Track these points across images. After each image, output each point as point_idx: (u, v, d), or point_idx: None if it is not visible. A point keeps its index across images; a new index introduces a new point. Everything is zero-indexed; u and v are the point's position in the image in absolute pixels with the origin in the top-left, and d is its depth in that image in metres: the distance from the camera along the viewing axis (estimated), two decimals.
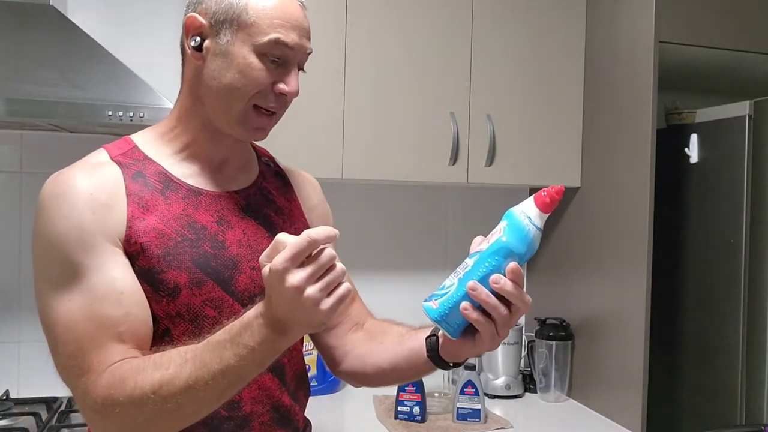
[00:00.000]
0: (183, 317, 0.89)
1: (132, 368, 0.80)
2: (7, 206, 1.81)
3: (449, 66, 1.82)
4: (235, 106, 0.91)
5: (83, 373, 0.82)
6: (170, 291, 0.88)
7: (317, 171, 1.73)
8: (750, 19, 1.78)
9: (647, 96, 1.67)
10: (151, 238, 0.88)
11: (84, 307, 0.83)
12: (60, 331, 0.83)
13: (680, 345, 1.84)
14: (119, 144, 0.97)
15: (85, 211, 0.86)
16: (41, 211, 0.87)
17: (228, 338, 0.77)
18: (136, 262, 0.88)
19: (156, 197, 0.91)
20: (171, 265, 0.88)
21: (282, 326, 0.76)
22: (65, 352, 0.83)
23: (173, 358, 0.79)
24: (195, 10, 0.93)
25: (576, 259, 1.98)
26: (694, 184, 1.81)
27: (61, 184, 0.88)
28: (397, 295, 2.15)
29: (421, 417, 1.71)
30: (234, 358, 0.76)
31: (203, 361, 0.77)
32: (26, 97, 1.46)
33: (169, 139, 0.98)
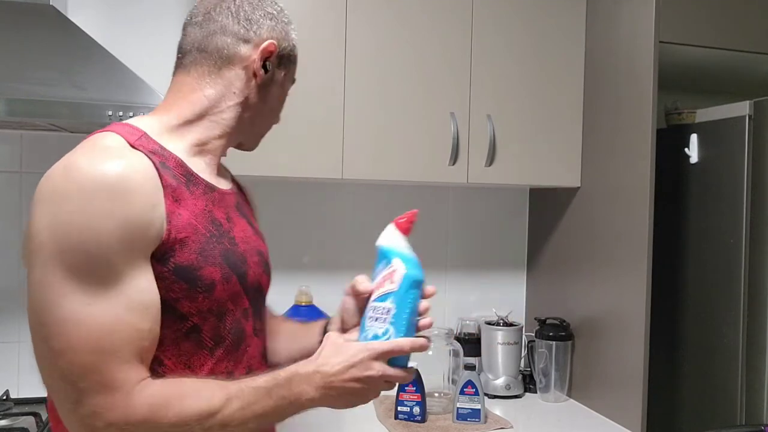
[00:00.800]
0: (213, 313, 0.90)
1: (174, 392, 0.81)
2: (7, 206, 1.81)
3: (449, 66, 1.82)
4: (264, 130, 1.06)
5: (104, 389, 0.76)
6: (207, 287, 0.88)
7: (317, 171, 1.75)
8: (750, 19, 1.78)
9: (647, 96, 1.67)
10: (189, 233, 0.87)
11: (113, 314, 0.78)
12: (75, 335, 0.76)
13: (680, 345, 1.84)
14: (127, 129, 0.89)
15: (134, 207, 0.80)
16: (71, 199, 0.78)
17: (272, 387, 0.86)
18: (173, 258, 0.84)
19: (183, 190, 0.89)
20: (207, 261, 0.88)
21: (330, 397, 0.89)
22: (77, 361, 0.76)
23: (215, 391, 0.83)
24: (258, 33, 0.98)
25: (576, 259, 1.98)
26: (694, 184, 1.81)
27: (101, 173, 0.79)
28: None
29: (421, 417, 1.71)
30: (273, 407, 0.85)
31: (247, 403, 0.83)
32: (26, 97, 1.46)
33: (180, 133, 0.95)
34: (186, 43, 0.99)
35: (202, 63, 0.97)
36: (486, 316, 2.13)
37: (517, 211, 2.27)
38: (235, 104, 0.98)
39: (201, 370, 0.89)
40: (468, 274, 2.22)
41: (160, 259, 0.83)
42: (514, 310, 2.16)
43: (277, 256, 2.21)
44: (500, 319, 2.04)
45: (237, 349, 0.94)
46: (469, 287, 2.22)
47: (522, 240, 2.27)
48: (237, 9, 0.98)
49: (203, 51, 0.97)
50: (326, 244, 2.08)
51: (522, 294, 2.28)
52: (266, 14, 0.99)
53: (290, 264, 2.04)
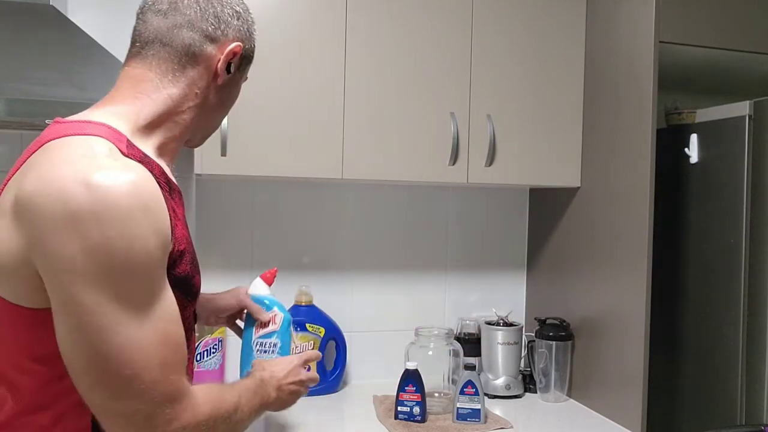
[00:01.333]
0: (189, 318, 0.92)
1: (217, 391, 0.91)
2: None
3: (449, 66, 1.82)
4: (215, 128, 1.04)
5: (173, 397, 0.79)
6: (194, 294, 0.92)
7: (317, 171, 1.75)
8: (750, 19, 1.78)
9: (647, 96, 1.67)
10: (185, 244, 0.87)
11: (162, 330, 0.79)
12: (139, 358, 0.75)
13: (680, 345, 1.84)
14: (111, 134, 0.84)
15: (160, 222, 0.79)
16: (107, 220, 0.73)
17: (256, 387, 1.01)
18: (175, 270, 0.85)
19: (169, 200, 0.85)
20: (195, 269, 0.91)
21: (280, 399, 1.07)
22: (147, 379, 0.76)
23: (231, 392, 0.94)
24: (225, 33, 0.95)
25: (576, 259, 1.98)
26: (694, 184, 1.81)
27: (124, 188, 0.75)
28: (397, 295, 2.15)
29: (421, 417, 1.71)
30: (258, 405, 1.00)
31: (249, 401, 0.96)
32: (26, 97, 1.46)
33: (147, 134, 0.90)
34: (146, 31, 0.93)
35: (165, 59, 0.91)
36: (486, 316, 2.13)
37: (517, 211, 2.27)
38: (195, 105, 0.94)
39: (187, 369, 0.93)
40: (468, 274, 2.22)
41: (169, 270, 0.83)
42: (514, 310, 2.16)
43: (277, 256, 2.22)
44: (500, 319, 2.04)
45: (190, 345, 0.97)
46: (469, 287, 2.22)
47: (522, 240, 2.27)
48: (206, 3, 0.93)
49: (167, 45, 0.92)
50: (326, 244, 2.08)
51: (522, 294, 2.28)
52: (234, 13, 0.95)
53: (290, 264, 2.04)
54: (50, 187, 0.73)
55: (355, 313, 2.10)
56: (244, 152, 1.67)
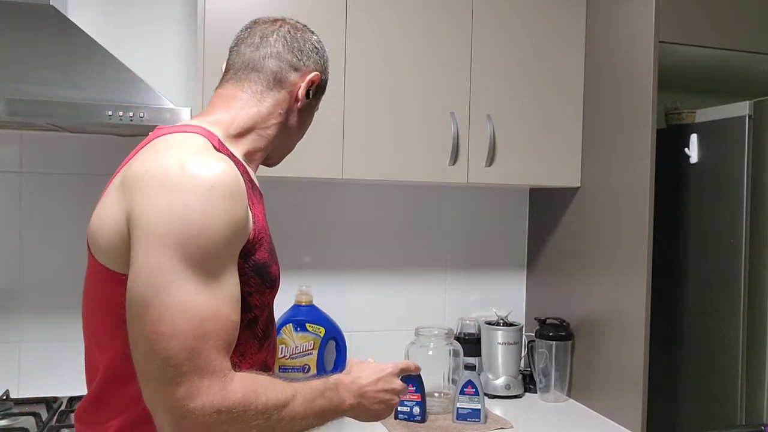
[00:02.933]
0: (267, 306, 1.00)
1: (259, 383, 0.87)
2: (7, 206, 1.81)
3: (449, 66, 1.82)
4: (291, 147, 1.16)
5: (206, 372, 0.80)
6: (273, 282, 0.99)
7: (317, 171, 1.75)
8: (750, 19, 1.78)
9: (647, 96, 1.67)
10: (263, 234, 0.96)
11: (215, 305, 0.82)
12: (182, 321, 0.79)
13: (680, 345, 1.84)
14: (209, 135, 0.97)
15: (240, 209, 0.88)
16: (196, 194, 0.83)
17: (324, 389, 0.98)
18: (254, 256, 0.93)
19: (251, 195, 0.96)
20: (273, 259, 0.99)
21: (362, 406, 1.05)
22: (182, 345, 0.79)
23: (285, 388, 0.91)
24: (306, 64, 1.10)
25: (576, 259, 1.98)
26: (694, 184, 1.81)
27: (218, 174, 0.85)
28: (397, 295, 2.15)
29: (421, 417, 1.71)
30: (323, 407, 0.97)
31: (309, 399, 0.93)
32: (26, 97, 1.46)
33: (237, 142, 1.04)
34: (238, 60, 1.07)
35: (255, 81, 1.05)
36: (486, 316, 2.13)
37: (517, 211, 2.27)
38: (278, 123, 1.07)
39: (249, 357, 0.97)
40: (468, 274, 2.22)
41: (244, 256, 0.91)
42: (514, 310, 2.16)
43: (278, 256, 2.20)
44: (500, 319, 2.04)
45: (272, 341, 1.05)
46: (469, 287, 2.22)
47: (522, 240, 2.27)
48: (291, 39, 1.08)
49: (257, 71, 1.06)
50: (326, 244, 2.08)
51: (522, 294, 2.28)
52: (313, 48, 1.11)
53: (290, 264, 2.04)
54: (152, 167, 0.86)
55: (355, 313, 2.10)
56: None
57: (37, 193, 1.83)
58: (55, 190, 1.84)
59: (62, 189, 1.84)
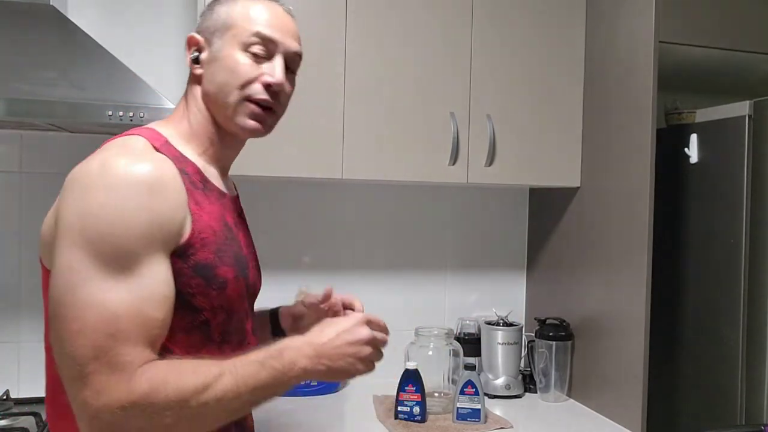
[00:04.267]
0: (223, 309, 0.95)
1: (172, 370, 0.83)
2: (7, 206, 1.81)
3: (449, 66, 1.82)
4: (229, 101, 0.98)
5: (113, 369, 0.79)
6: (220, 284, 0.94)
7: (317, 171, 1.75)
8: (750, 19, 1.78)
9: (647, 96, 1.67)
10: (208, 234, 0.93)
11: (128, 301, 0.81)
12: (91, 318, 0.79)
13: (680, 345, 1.84)
14: (152, 135, 0.95)
15: (161, 205, 0.86)
16: (105, 192, 0.83)
17: (265, 359, 0.88)
18: (195, 257, 0.90)
19: (202, 195, 0.95)
20: (222, 261, 0.94)
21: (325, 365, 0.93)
22: (90, 343, 0.79)
23: (210, 368, 0.84)
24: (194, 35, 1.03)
25: (576, 259, 1.98)
26: (694, 184, 1.81)
27: (135, 172, 0.85)
28: (397, 295, 2.15)
29: (421, 417, 1.71)
30: (267, 380, 0.87)
31: (242, 376, 0.85)
32: (26, 97, 1.46)
33: (188, 140, 1.01)
34: None
35: (191, 79, 1.04)
36: (486, 316, 2.13)
37: (517, 211, 2.27)
38: (200, 108, 1.02)
39: None
40: (468, 274, 2.22)
41: (182, 256, 0.89)
42: (514, 310, 2.16)
43: (278, 256, 2.22)
44: (500, 319, 2.04)
45: (240, 346, 0.99)
46: (469, 287, 2.22)
47: (522, 240, 2.27)
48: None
49: None
50: (326, 244, 2.08)
51: (522, 294, 2.28)
52: (205, 12, 1.03)
53: (290, 264, 2.04)
54: (78, 170, 0.86)
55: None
56: (244, 153, 1.65)
57: (37, 193, 1.83)
58: (55, 190, 1.82)
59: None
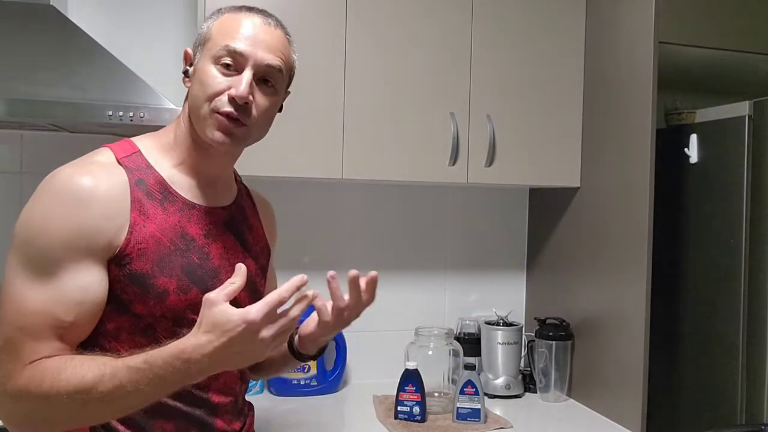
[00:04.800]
0: (167, 318, 0.96)
1: (52, 368, 0.86)
2: (7, 206, 1.81)
3: (449, 66, 1.82)
4: (200, 113, 0.99)
5: (12, 358, 0.87)
6: (159, 294, 0.95)
7: (317, 171, 1.75)
8: (750, 19, 1.78)
9: (647, 96, 1.67)
10: (149, 245, 0.94)
11: (42, 301, 0.87)
12: (9, 309, 0.88)
13: (680, 344, 1.84)
14: (123, 146, 1.00)
15: (87, 216, 0.90)
16: (44, 201, 0.90)
17: (148, 368, 0.84)
18: (130, 266, 0.93)
19: (155, 206, 0.97)
20: (163, 272, 0.95)
21: (216, 363, 0.85)
22: (7, 332, 0.87)
23: (91, 368, 0.85)
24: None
25: (576, 259, 1.98)
26: (694, 184, 1.81)
27: (69, 182, 0.91)
28: (397, 294, 2.15)
29: (421, 417, 1.71)
30: (149, 386, 0.84)
31: (121, 381, 0.84)
32: (26, 97, 1.46)
33: (168, 151, 1.03)
34: None
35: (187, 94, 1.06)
36: (486, 316, 2.13)
37: (517, 211, 2.27)
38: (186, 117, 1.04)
39: None
40: (468, 274, 2.22)
41: (118, 264, 0.92)
42: (514, 310, 2.16)
43: (278, 256, 2.21)
44: (500, 319, 2.04)
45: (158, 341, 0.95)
46: (469, 287, 2.22)
47: (522, 240, 2.27)
48: None
49: None
50: (326, 244, 2.08)
51: (522, 294, 2.28)
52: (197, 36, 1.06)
53: (290, 264, 2.03)
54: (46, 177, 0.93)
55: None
56: (244, 153, 1.66)
57: None
58: None
59: None
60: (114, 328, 0.94)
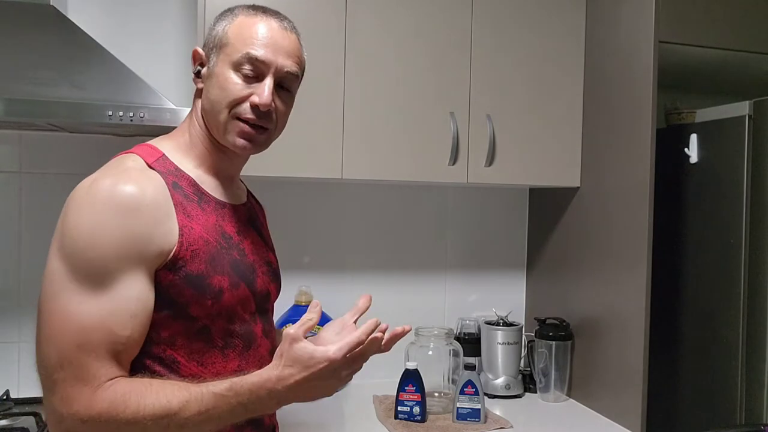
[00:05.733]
0: (221, 316, 0.98)
1: (135, 390, 0.85)
2: (6, 206, 1.81)
3: (449, 66, 1.82)
4: (219, 118, 1.00)
5: (78, 380, 0.84)
6: (216, 293, 0.96)
7: (317, 171, 1.75)
8: (750, 19, 1.78)
9: (647, 96, 1.67)
10: (200, 245, 0.95)
11: (97, 315, 0.85)
12: (60, 327, 0.84)
13: (680, 345, 1.84)
14: (147, 150, 1.00)
15: (138, 224, 0.89)
16: (90, 211, 0.88)
17: (231, 396, 0.87)
18: (185, 268, 0.93)
19: (195, 207, 0.98)
20: (216, 270, 0.96)
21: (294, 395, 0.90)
22: (57, 351, 0.84)
23: (175, 393, 0.86)
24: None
25: (576, 259, 1.98)
26: (694, 184, 1.81)
27: (114, 192, 0.89)
28: (397, 295, 2.15)
29: (421, 417, 1.71)
30: (230, 414, 0.88)
31: (205, 407, 0.86)
32: (26, 97, 1.46)
33: (187, 152, 1.04)
34: None
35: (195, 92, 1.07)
36: (486, 316, 2.13)
37: (517, 211, 2.27)
38: (200, 118, 1.05)
39: (212, 367, 0.97)
40: (468, 274, 2.22)
41: (172, 269, 0.92)
42: (514, 310, 2.16)
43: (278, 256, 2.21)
44: (500, 319, 2.04)
45: (248, 350, 1.02)
46: (469, 287, 2.22)
47: (522, 240, 2.27)
48: None
49: None
50: (326, 244, 2.08)
51: (522, 294, 2.28)
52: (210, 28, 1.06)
53: (290, 264, 2.03)
54: (75, 188, 0.92)
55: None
56: None
57: (37, 193, 1.83)
58: (55, 190, 1.84)
59: (62, 189, 1.83)
60: (169, 335, 0.94)
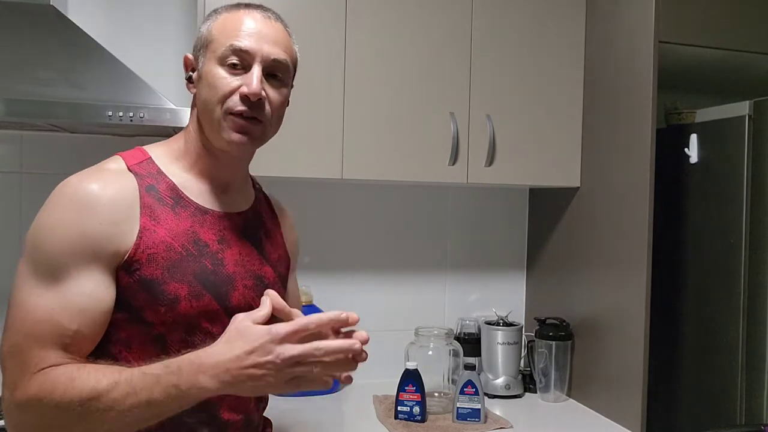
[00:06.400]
0: (179, 325, 0.94)
1: (66, 374, 0.85)
2: (7, 206, 1.81)
3: (449, 66, 1.82)
4: (212, 118, 0.98)
5: (19, 366, 0.86)
6: (170, 301, 0.93)
7: (317, 171, 1.75)
8: (750, 19, 1.78)
9: (647, 96, 1.67)
10: (159, 250, 0.93)
11: (47, 308, 0.87)
12: (17, 315, 0.88)
13: (680, 345, 1.84)
14: (135, 153, 1.01)
15: (93, 221, 0.90)
16: (53, 207, 0.91)
17: (163, 374, 0.83)
18: (140, 272, 0.92)
19: (166, 211, 0.96)
20: (174, 277, 0.93)
21: (228, 384, 0.81)
22: (14, 338, 0.87)
23: (106, 374, 0.84)
24: None
25: (576, 259, 1.98)
26: (694, 184, 1.81)
27: (77, 189, 0.91)
28: (397, 295, 2.15)
29: (421, 417, 1.71)
30: (162, 395, 0.82)
31: (134, 388, 0.83)
32: (26, 97, 1.46)
33: (179, 157, 1.03)
34: None
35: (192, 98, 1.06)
36: (486, 316, 2.13)
37: (517, 211, 2.27)
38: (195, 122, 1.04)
39: None
40: (468, 274, 2.22)
41: (128, 271, 0.91)
42: (514, 310, 2.16)
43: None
44: (500, 319, 2.04)
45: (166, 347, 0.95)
46: (469, 287, 2.22)
47: (522, 240, 2.27)
48: None
49: None
50: (326, 244, 2.08)
51: (522, 294, 2.28)
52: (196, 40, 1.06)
53: None
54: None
55: (354, 313, 2.10)
56: None
57: (37, 193, 1.82)
58: None
59: None
60: (126, 336, 0.93)
